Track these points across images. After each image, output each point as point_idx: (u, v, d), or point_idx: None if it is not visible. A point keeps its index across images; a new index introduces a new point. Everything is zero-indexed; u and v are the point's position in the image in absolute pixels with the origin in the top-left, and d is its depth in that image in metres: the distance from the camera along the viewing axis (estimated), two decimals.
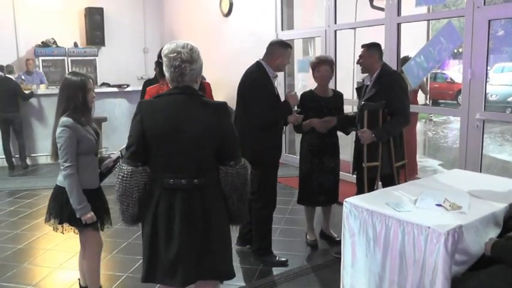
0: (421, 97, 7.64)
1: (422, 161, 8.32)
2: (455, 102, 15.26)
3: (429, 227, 2.35)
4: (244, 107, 3.68)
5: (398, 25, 5.62)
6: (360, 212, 2.68)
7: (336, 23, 6.64)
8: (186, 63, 2.23)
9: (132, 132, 2.28)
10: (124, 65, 10.15)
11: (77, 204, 2.74)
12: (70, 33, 9.96)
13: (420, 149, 9.26)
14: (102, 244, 3.06)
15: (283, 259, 3.89)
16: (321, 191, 4.10)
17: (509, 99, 13.50)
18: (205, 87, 3.70)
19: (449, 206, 2.61)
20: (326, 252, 4.15)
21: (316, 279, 3.63)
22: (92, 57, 10.08)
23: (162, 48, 3.81)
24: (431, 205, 2.66)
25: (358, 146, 3.84)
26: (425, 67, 5.41)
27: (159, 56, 3.88)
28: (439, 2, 5.81)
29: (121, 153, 3.00)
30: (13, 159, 7.59)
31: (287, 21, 7.72)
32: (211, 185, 2.29)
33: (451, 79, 16.52)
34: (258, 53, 3.83)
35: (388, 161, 3.82)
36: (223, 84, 9.02)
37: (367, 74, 3.94)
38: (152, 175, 2.28)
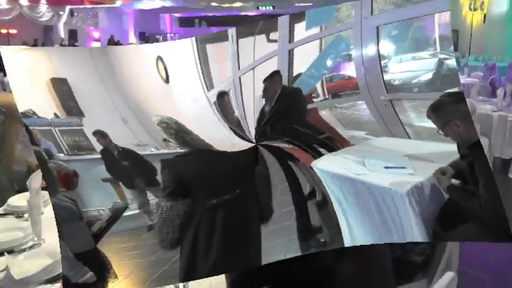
0: None
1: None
2: (358, 91, 16.09)
3: (390, 189, 2.20)
4: None
5: (290, 51, 6.08)
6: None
7: (239, 68, 6.85)
8: None
9: (164, 176, 2.10)
10: None
11: None
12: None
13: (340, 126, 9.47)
14: None
15: None
16: None
17: (413, 81, 14.63)
18: None
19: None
20: None
21: None
22: None
23: None
24: (381, 168, 2.37)
25: None
26: (316, 76, 5.90)
27: None
28: (327, 21, 6.50)
29: (111, 212, 2.58)
30: None
31: (208, 79, 7.94)
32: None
33: (349, 76, 17.35)
34: (202, 120, 3.78)
35: None
36: None
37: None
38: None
